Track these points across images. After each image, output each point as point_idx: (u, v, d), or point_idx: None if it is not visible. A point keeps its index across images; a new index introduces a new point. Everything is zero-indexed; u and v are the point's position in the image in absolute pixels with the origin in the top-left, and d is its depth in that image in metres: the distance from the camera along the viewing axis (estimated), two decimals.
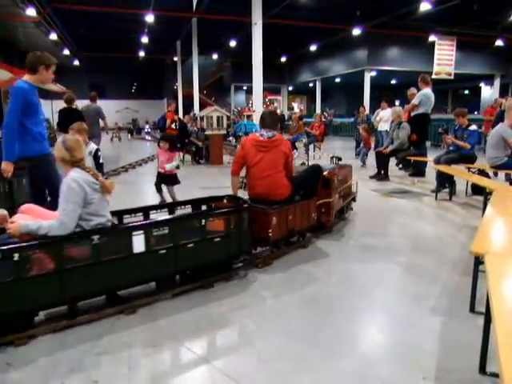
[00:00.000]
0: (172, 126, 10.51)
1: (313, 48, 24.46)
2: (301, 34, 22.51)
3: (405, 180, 8.27)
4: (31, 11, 15.30)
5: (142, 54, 31.02)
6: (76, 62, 30.36)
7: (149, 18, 18.63)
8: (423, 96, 8.12)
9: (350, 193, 5.57)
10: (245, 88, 34.42)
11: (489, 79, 25.93)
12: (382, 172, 8.36)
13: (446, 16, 17.79)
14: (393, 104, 12.93)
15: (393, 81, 30.10)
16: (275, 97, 31.32)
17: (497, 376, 1.89)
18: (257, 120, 13.14)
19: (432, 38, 19.23)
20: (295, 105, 37.37)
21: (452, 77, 19.79)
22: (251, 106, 19.25)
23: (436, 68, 19.23)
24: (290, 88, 34.85)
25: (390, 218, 5.54)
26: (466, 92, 35.53)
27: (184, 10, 19.21)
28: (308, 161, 10.15)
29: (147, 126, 31.38)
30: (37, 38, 20.32)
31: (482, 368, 2.12)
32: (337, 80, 29.13)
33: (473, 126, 6.77)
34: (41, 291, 2.49)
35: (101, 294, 2.85)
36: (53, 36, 20.11)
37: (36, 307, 2.58)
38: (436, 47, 19.15)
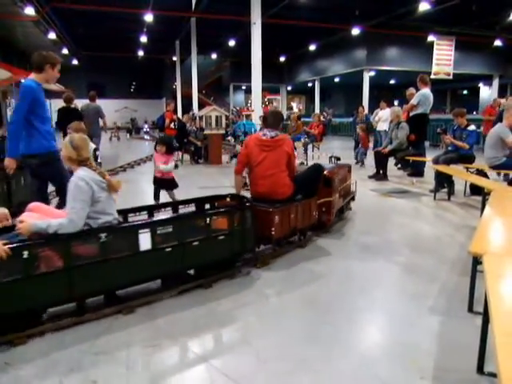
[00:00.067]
0: (171, 126, 10.52)
1: (312, 48, 24.48)
2: (300, 34, 22.50)
3: (403, 180, 8.28)
4: (30, 10, 15.24)
5: (141, 54, 30.99)
6: (75, 62, 30.29)
7: (148, 18, 18.60)
8: (422, 96, 8.13)
9: (350, 192, 5.59)
10: (244, 88, 34.39)
11: (487, 79, 25.97)
12: (381, 172, 8.37)
13: (445, 16, 17.81)
14: (391, 104, 12.95)
15: (392, 81, 30.10)
16: (274, 96, 31.37)
17: (495, 376, 1.90)
18: (256, 119, 13.16)
19: (431, 38, 19.24)
20: (294, 104, 37.39)
21: (451, 77, 19.79)
22: (250, 106, 19.23)
23: (435, 68, 19.23)
24: (289, 88, 34.83)
25: (389, 218, 5.55)
26: (465, 92, 35.56)
27: (183, 10, 19.19)
28: (307, 160, 10.14)
29: (146, 126, 31.34)
30: (35, 38, 20.27)
31: (480, 368, 2.12)
32: (336, 80, 29.13)
33: (471, 126, 6.77)
34: (50, 289, 2.52)
35: (109, 292, 2.88)
36: (51, 35, 20.06)
37: (45, 304, 2.61)
38: (435, 47, 19.15)
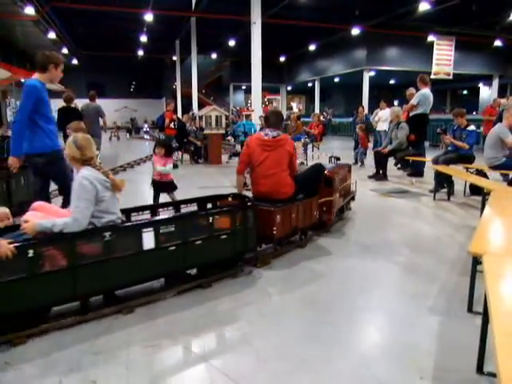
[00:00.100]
0: (171, 126, 10.53)
1: (312, 48, 24.48)
2: (300, 34, 22.50)
3: (403, 180, 8.28)
4: (30, 10, 15.22)
5: (141, 53, 30.97)
6: (74, 61, 30.26)
7: (148, 17, 18.59)
8: (422, 96, 8.13)
9: (350, 192, 5.60)
10: (244, 87, 34.39)
11: (487, 79, 25.98)
12: (381, 172, 8.37)
13: (445, 16, 17.81)
14: (391, 104, 12.95)
15: (392, 81, 30.10)
16: (274, 96, 31.35)
17: (494, 376, 1.90)
18: (256, 120, 13.16)
19: (431, 38, 19.24)
20: (294, 104, 37.39)
21: (451, 77, 19.79)
22: (250, 106, 19.23)
23: (435, 68, 19.23)
24: (289, 88, 34.84)
25: (389, 218, 5.55)
26: (465, 92, 35.56)
27: (183, 10, 19.17)
28: (307, 160, 10.14)
29: (146, 126, 31.33)
30: (35, 37, 20.25)
31: (480, 368, 2.13)
32: (336, 80, 29.13)
33: (471, 127, 6.77)
34: (54, 287, 2.54)
35: (113, 290, 2.90)
36: (51, 35, 20.04)
37: (50, 303, 2.63)
38: (435, 47, 19.15)
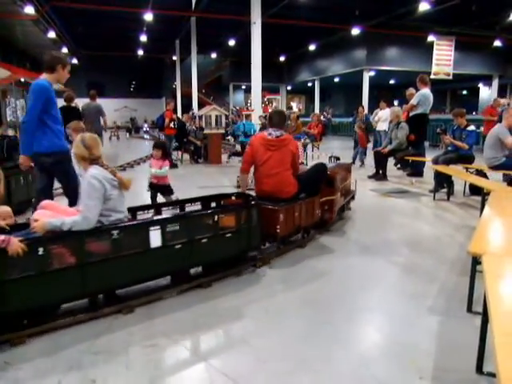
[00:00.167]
0: (171, 125, 10.54)
1: (312, 47, 24.47)
2: (300, 34, 22.49)
3: (403, 180, 8.28)
4: (29, 9, 15.19)
5: (141, 53, 30.94)
6: (74, 61, 30.20)
7: (147, 17, 18.57)
8: (422, 96, 8.13)
9: (350, 191, 5.62)
10: (243, 87, 34.38)
11: (487, 80, 25.98)
12: (381, 172, 8.36)
13: (445, 16, 17.81)
14: (391, 104, 12.95)
15: (391, 81, 30.09)
16: (274, 96, 31.30)
17: (494, 376, 1.90)
18: (255, 119, 13.16)
19: (431, 38, 19.24)
20: (294, 104, 37.39)
21: (450, 77, 19.78)
22: (250, 106, 19.23)
23: (435, 68, 19.22)
24: (289, 87, 34.84)
25: (389, 218, 5.55)
26: (465, 92, 35.56)
27: (183, 9, 19.17)
28: (306, 160, 10.13)
29: (146, 125, 31.32)
30: (35, 37, 20.22)
31: (479, 368, 2.13)
32: (336, 80, 29.12)
33: (471, 127, 6.77)
34: (64, 284, 2.56)
35: (121, 288, 2.92)
36: (51, 34, 20.02)
37: (59, 300, 2.65)
38: (435, 47, 19.14)
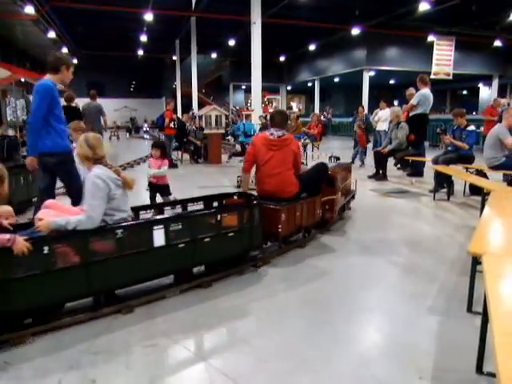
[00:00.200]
0: (170, 125, 10.54)
1: (312, 47, 24.46)
2: (300, 34, 22.49)
3: (403, 180, 8.28)
4: (29, 9, 15.21)
5: (141, 53, 30.92)
6: (74, 61, 30.21)
7: (148, 17, 18.57)
8: (422, 96, 8.13)
9: (350, 191, 5.64)
10: (243, 87, 34.37)
11: (487, 80, 25.97)
12: (381, 172, 8.36)
13: (445, 16, 17.80)
14: (391, 104, 12.95)
15: (391, 81, 30.08)
16: (274, 96, 31.29)
17: (494, 376, 1.89)
18: (255, 119, 13.16)
19: (431, 38, 19.23)
20: (294, 104, 37.38)
21: (450, 77, 19.77)
22: (250, 106, 19.23)
23: (435, 68, 19.22)
24: (289, 87, 34.82)
25: (388, 218, 5.55)
26: (465, 92, 35.55)
27: (183, 9, 19.17)
28: (306, 160, 10.13)
29: (146, 125, 31.31)
30: (35, 36, 20.23)
31: (479, 368, 2.13)
32: (335, 80, 29.11)
33: (471, 127, 6.77)
34: (68, 283, 2.57)
35: (125, 287, 2.93)
36: (51, 34, 20.04)
37: (64, 299, 2.67)
38: (435, 47, 19.13)
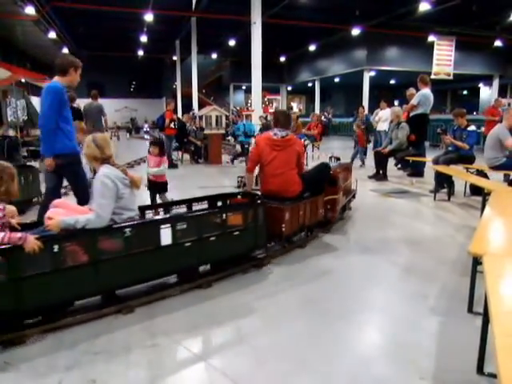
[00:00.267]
0: (171, 125, 10.54)
1: (312, 48, 24.44)
2: (300, 34, 22.47)
3: (403, 180, 8.28)
4: (30, 9, 15.19)
5: (141, 53, 30.91)
6: None
7: (148, 17, 18.56)
8: (422, 96, 8.13)
9: (351, 190, 5.66)
10: (244, 87, 34.34)
11: (487, 80, 25.94)
12: (381, 172, 8.36)
13: (445, 16, 17.78)
14: (392, 104, 12.94)
15: (392, 81, 30.05)
16: (274, 96, 31.31)
17: (494, 376, 1.89)
18: (256, 120, 13.15)
19: (431, 39, 19.21)
20: (294, 105, 37.37)
21: (451, 77, 19.76)
22: (250, 106, 19.23)
23: (435, 68, 19.20)
24: (289, 88, 34.78)
25: (389, 218, 5.54)
26: (465, 92, 35.52)
27: (183, 9, 19.16)
28: (306, 160, 10.13)
29: (146, 125, 31.30)
30: (35, 37, 20.21)
31: (480, 368, 2.12)
32: (336, 80, 29.08)
33: (471, 127, 6.77)
34: (77, 281, 2.58)
35: (133, 285, 2.96)
36: (52, 34, 20.01)
37: (73, 297, 2.69)
38: (435, 47, 19.12)
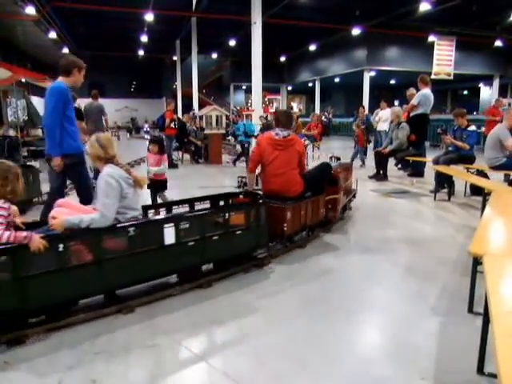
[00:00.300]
0: (171, 125, 10.55)
1: (312, 48, 24.44)
2: (300, 34, 22.47)
3: (404, 180, 8.28)
4: (30, 9, 15.19)
5: (142, 53, 30.92)
6: None
7: (148, 17, 18.57)
8: (422, 96, 8.13)
9: (351, 190, 5.67)
10: (244, 87, 34.34)
11: (488, 80, 25.93)
12: (381, 172, 8.36)
13: (446, 16, 17.77)
14: (392, 104, 12.94)
15: (392, 81, 30.03)
16: (274, 96, 31.30)
17: (495, 376, 1.89)
18: (256, 120, 13.16)
19: (431, 39, 19.20)
20: (294, 105, 37.36)
21: (451, 77, 19.75)
22: (250, 106, 19.23)
23: (435, 68, 19.20)
24: (290, 88, 34.78)
25: (389, 218, 5.54)
26: (465, 92, 35.51)
27: (183, 9, 19.16)
28: (307, 160, 10.14)
29: (146, 125, 31.30)
30: (36, 37, 20.20)
31: (480, 368, 2.12)
32: (336, 80, 29.07)
33: (472, 127, 6.77)
34: (82, 280, 2.60)
35: (137, 284, 2.97)
36: (52, 34, 20.01)
37: (78, 296, 2.71)
38: (435, 47, 19.11)
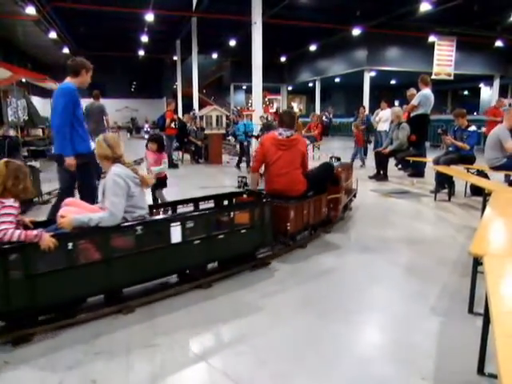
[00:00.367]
0: (171, 125, 10.56)
1: (312, 48, 24.43)
2: (300, 34, 22.47)
3: (404, 180, 8.28)
4: (31, 10, 15.19)
5: (142, 53, 30.92)
6: None
7: (148, 17, 18.57)
8: (423, 96, 8.12)
9: (352, 190, 5.69)
10: (244, 87, 34.34)
11: (488, 80, 25.92)
12: (382, 172, 8.36)
13: (446, 16, 17.77)
14: (392, 104, 12.94)
15: (392, 81, 30.03)
16: (275, 96, 31.26)
17: (495, 377, 1.89)
18: (256, 120, 13.15)
19: (432, 39, 19.19)
20: (295, 105, 37.35)
21: (452, 77, 19.74)
22: (250, 106, 19.22)
23: (436, 68, 19.19)
24: (290, 88, 34.79)
25: (389, 218, 5.54)
26: (466, 93, 35.50)
27: (184, 10, 19.16)
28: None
29: (146, 125, 31.30)
30: (36, 37, 20.21)
31: (481, 369, 2.12)
32: (336, 80, 29.07)
33: (472, 127, 6.77)
34: (90, 279, 2.62)
35: (143, 282, 2.98)
36: (52, 34, 20.01)
37: (87, 294, 2.73)
38: (436, 48, 19.10)
